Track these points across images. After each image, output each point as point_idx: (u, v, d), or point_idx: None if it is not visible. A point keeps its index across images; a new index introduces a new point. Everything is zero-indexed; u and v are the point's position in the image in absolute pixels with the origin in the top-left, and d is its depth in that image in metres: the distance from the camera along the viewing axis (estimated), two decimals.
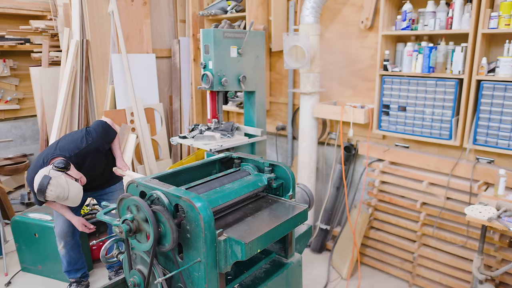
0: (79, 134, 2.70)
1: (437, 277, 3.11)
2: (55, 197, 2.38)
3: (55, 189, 2.36)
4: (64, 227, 2.89)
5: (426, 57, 2.88)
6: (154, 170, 4.46)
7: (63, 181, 2.39)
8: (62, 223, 2.89)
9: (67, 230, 2.91)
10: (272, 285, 1.75)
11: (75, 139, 2.66)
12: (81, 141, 2.65)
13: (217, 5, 4.33)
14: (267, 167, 1.92)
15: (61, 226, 2.89)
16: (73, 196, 2.43)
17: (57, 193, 2.37)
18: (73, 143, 2.63)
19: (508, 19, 2.52)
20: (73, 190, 2.42)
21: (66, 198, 2.40)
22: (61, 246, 2.96)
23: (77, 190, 2.46)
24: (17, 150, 4.97)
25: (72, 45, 4.11)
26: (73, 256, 3.00)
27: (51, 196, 2.38)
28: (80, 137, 2.67)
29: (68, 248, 2.96)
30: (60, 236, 2.92)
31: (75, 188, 2.44)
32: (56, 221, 2.92)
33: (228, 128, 3.26)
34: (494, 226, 2.31)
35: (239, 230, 1.55)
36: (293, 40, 3.29)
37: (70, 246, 2.96)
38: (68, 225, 2.90)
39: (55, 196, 2.38)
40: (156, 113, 4.78)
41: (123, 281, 1.83)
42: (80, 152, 2.61)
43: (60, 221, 2.89)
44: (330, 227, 3.82)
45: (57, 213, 2.88)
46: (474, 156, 3.02)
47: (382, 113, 3.25)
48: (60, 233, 2.91)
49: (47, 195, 2.37)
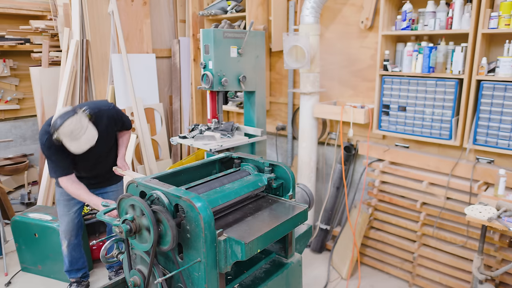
0: (104, 101, 2.80)
1: (437, 277, 3.11)
2: (69, 131, 2.26)
3: (75, 122, 2.27)
4: (70, 225, 2.89)
5: (426, 57, 2.88)
6: (154, 170, 4.46)
7: (85, 121, 2.35)
8: (67, 222, 2.88)
9: (72, 229, 2.90)
10: (272, 285, 1.75)
11: (99, 101, 2.75)
12: (105, 104, 2.71)
13: (217, 5, 4.33)
14: (267, 167, 1.92)
15: (67, 225, 2.89)
16: (86, 138, 2.33)
17: (75, 127, 2.28)
18: (95, 104, 2.66)
19: (508, 19, 2.52)
20: (89, 133, 2.35)
21: (79, 137, 2.30)
22: (65, 245, 2.95)
23: (92, 135, 2.37)
24: (17, 150, 4.97)
25: (72, 45, 4.11)
26: (74, 256, 3.00)
27: (66, 129, 2.26)
28: (105, 102, 2.77)
29: (71, 248, 2.96)
30: (65, 235, 2.92)
31: (91, 132, 2.37)
32: (61, 220, 2.91)
33: (228, 128, 3.26)
34: (494, 226, 2.31)
35: (239, 230, 1.55)
36: (293, 40, 3.29)
37: (73, 245, 2.96)
38: (73, 224, 2.90)
39: (70, 130, 2.26)
40: (156, 113, 4.78)
41: (123, 281, 1.83)
42: (100, 112, 2.60)
43: (66, 219, 2.88)
44: (330, 227, 3.82)
45: (62, 211, 2.87)
46: (474, 156, 3.02)
47: (382, 113, 3.25)
48: (65, 232, 2.90)
49: (63, 127, 2.26)
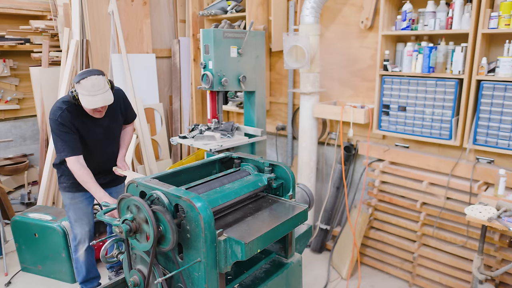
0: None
1: (437, 277, 3.11)
2: (91, 84, 2.27)
3: (98, 80, 2.30)
4: (88, 228, 2.74)
5: (426, 57, 2.88)
6: (154, 170, 4.46)
7: (107, 84, 2.36)
8: (85, 224, 2.72)
9: (89, 230, 2.75)
10: (272, 285, 1.75)
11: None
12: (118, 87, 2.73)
13: (217, 5, 4.33)
14: (267, 167, 1.92)
15: (85, 227, 2.72)
16: (102, 97, 2.33)
17: (97, 83, 2.29)
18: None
19: (508, 19, 2.52)
20: (106, 94, 2.34)
21: (97, 94, 2.30)
22: (81, 251, 2.76)
23: (109, 97, 2.37)
24: (17, 150, 4.97)
25: (72, 45, 4.11)
26: (91, 261, 2.84)
27: (89, 82, 2.27)
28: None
29: (87, 253, 2.78)
30: (82, 239, 2.74)
31: (109, 95, 2.36)
32: (77, 224, 2.72)
33: (228, 128, 3.26)
34: (494, 226, 2.31)
35: (239, 230, 1.55)
36: (293, 40, 3.29)
37: (89, 250, 2.80)
38: (91, 226, 2.76)
39: (92, 84, 2.27)
40: (156, 113, 4.78)
41: (123, 281, 1.83)
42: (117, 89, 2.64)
43: (83, 222, 2.72)
44: (330, 227, 3.82)
45: (77, 215, 2.71)
46: (474, 156, 3.02)
47: (382, 113, 3.25)
48: (82, 237, 2.73)
49: (86, 80, 2.27)
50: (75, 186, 2.64)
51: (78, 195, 2.70)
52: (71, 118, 2.45)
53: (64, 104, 2.45)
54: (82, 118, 2.50)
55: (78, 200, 2.71)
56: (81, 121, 2.50)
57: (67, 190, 2.69)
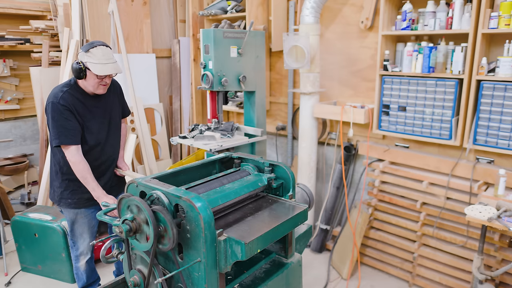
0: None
1: (437, 277, 3.11)
2: (101, 53, 2.26)
3: (109, 51, 2.30)
4: (91, 239, 2.64)
5: (426, 57, 2.88)
6: (154, 170, 4.46)
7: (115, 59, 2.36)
8: (88, 237, 2.64)
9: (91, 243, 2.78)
10: (272, 285, 1.75)
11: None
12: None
13: (217, 5, 4.33)
14: (267, 167, 1.92)
15: (88, 240, 2.64)
16: (112, 66, 2.31)
17: (107, 54, 2.29)
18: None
19: (508, 19, 2.52)
20: (115, 65, 2.34)
21: (106, 63, 2.28)
22: (82, 262, 2.70)
23: (118, 67, 2.35)
24: (17, 150, 4.97)
25: (72, 45, 4.11)
26: (92, 267, 2.80)
27: (99, 50, 2.26)
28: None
29: (89, 261, 2.74)
30: (85, 252, 2.67)
31: (117, 66, 2.35)
32: (81, 238, 2.63)
33: (228, 128, 3.26)
34: (494, 226, 2.31)
35: (239, 230, 1.55)
36: (293, 40, 3.29)
37: (90, 260, 2.74)
38: (94, 237, 2.68)
39: (103, 52, 2.27)
40: (156, 113, 4.78)
41: (123, 281, 1.83)
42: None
43: (87, 236, 2.64)
44: (330, 227, 3.82)
45: (82, 230, 2.61)
46: (474, 156, 3.02)
47: (382, 113, 3.25)
48: (87, 248, 2.66)
49: (97, 48, 2.26)
50: (82, 203, 2.52)
51: (83, 211, 2.57)
52: (73, 101, 2.35)
53: (65, 86, 2.38)
54: (83, 101, 2.41)
55: (84, 215, 2.58)
56: (82, 104, 2.40)
57: (72, 207, 2.53)
